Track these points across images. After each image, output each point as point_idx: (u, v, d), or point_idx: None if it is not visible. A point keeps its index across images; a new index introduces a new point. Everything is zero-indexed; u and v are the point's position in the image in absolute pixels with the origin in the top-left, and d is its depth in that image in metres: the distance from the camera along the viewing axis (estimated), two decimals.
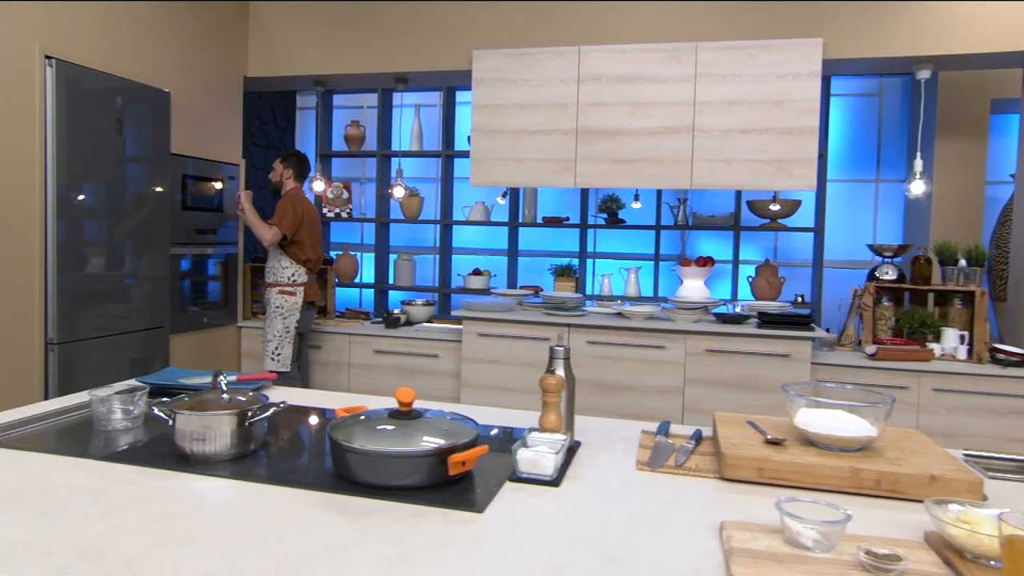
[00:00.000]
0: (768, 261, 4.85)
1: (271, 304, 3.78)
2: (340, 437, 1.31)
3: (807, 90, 3.51)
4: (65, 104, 3.10)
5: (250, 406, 1.45)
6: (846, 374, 3.55)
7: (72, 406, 1.86)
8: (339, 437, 1.31)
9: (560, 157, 3.86)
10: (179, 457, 1.44)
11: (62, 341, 3.14)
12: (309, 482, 1.32)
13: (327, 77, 4.50)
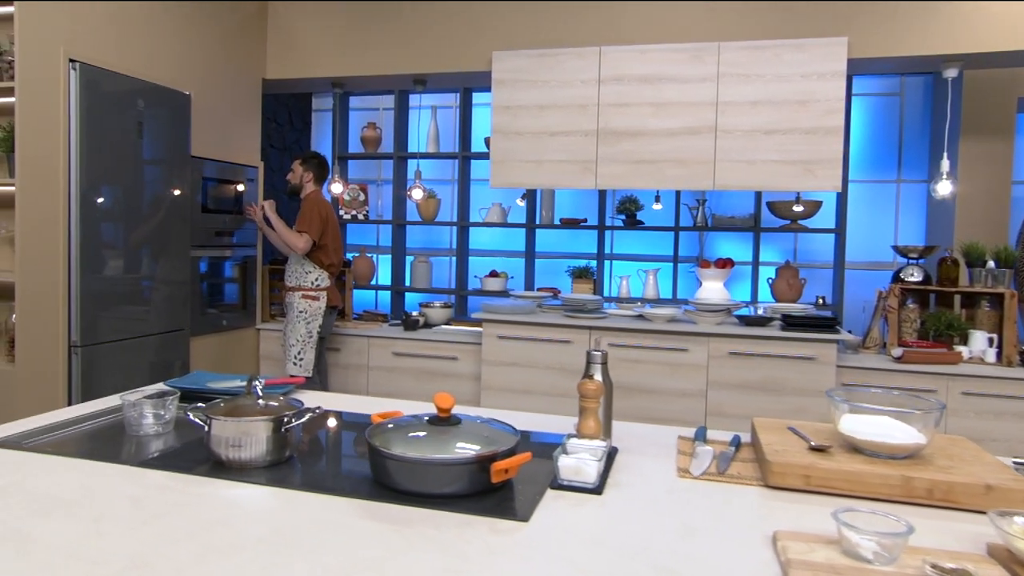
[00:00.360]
0: (788, 263, 4.81)
1: (294, 308, 3.75)
2: (380, 444, 1.29)
3: (832, 90, 3.47)
4: (88, 107, 3.10)
5: (285, 412, 1.44)
6: (872, 377, 3.50)
7: (103, 410, 1.85)
8: (379, 444, 1.29)
9: (580, 158, 3.83)
10: (214, 463, 1.42)
11: (85, 344, 3.14)
12: (348, 489, 1.31)
13: (345, 79, 4.49)
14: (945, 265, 3.75)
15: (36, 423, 1.70)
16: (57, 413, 1.80)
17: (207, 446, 1.42)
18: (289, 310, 3.78)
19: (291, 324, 3.75)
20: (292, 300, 3.76)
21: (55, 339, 3.05)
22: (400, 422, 1.41)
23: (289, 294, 3.79)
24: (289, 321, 3.77)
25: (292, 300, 3.76)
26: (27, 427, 1.65)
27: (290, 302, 3.77)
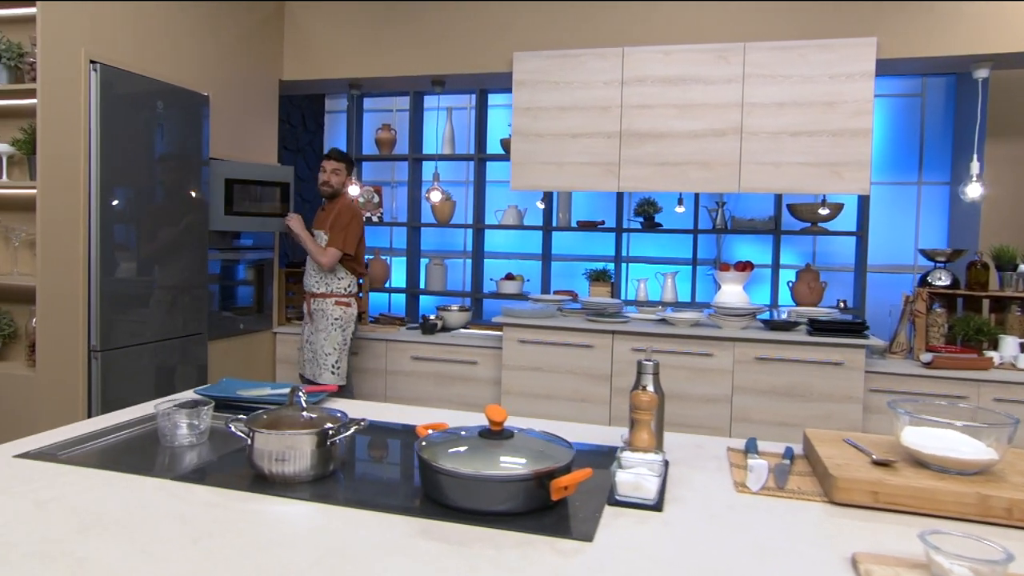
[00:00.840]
0: (809, 266, 4.75)
1: (327, 316, 3.62)
2: (433, 458, 1.25)
3: (860, 91, 3.41)
4: (108, 108, 3.06)
5: (330, 424, 1.39)
6: (901, 383, 3.44)
7: (135, 419, 1.81)
8: (432, 458, 1.25)
9: (603, 160, 3.79)
10: (255, 477, 1.38)
11: (105, 349, 3.10)
12: (398, 506, 1.26)
13: (362, 80, 4.45)
14: (975, 269, 3.69)
15: (67, 433, 1.65)
16: (88, 423, 1.76)
17: (249, 459, 1.38)
18: (320, 317, 3.63)
19: (325, 332, 3.61)
20: (324, 307, 3.63)
21: (75, 344, 3.01)
22: (450, 435, 1.37)
23: (319, 300, 3.66)
24: (321, 329, 3.63)
25: (324, 307, 3.63)
26: (59, 438, 1.61)
27: (322, 309, 3.64)
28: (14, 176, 3.06)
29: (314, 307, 3.68)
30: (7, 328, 3.07)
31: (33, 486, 1.30)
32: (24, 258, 3.09)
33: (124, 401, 3.18)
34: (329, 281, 3.67)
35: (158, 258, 3.39)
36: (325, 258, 3.55)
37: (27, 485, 1.31)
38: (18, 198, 3.09)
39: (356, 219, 3.65)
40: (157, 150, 3.36)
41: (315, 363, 3.67)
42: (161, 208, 3.39)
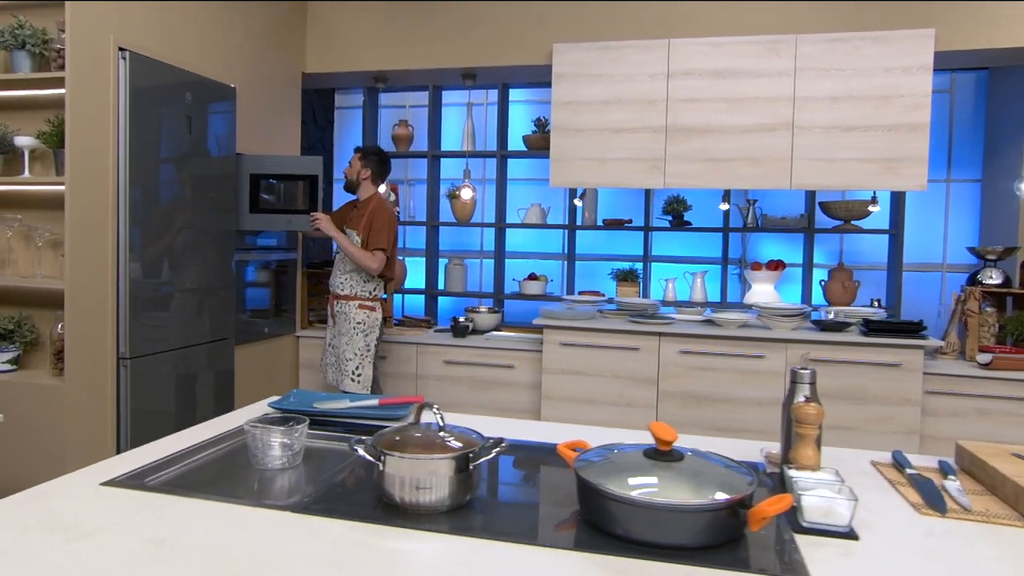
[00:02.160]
0: (842, 264, 4.66)
1: (351, 320, 3.42)
2: (602, 483, 1.10)
3: (917, 84, 3.32)
4: (137, 100, 2.87)
5: (469, 447, 1.23)
6: (959, 385, 3.35)
7: (213, 438, 1.64)
8: (601, 483, 1.10)
9: (648, 156, 3.65)
10: (384, 506, 1.22)
11: (134, 356, 2.91)
12: (559, 539, 1.11)
13: (388, 73, 4.28)
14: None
15: (145, 456, 1.48)
16: (162, 444, 1.59)
17: (379, 486, 1.22)
18: (343, 321, 3.44)
19: (346, 336, 3.42)
20: (347, 310, 3.43)
21: (103, 351, 2.82)
22: (609, 455, 1.22)
23: (342, 303, 3.45)
24: (343, 333, 3.43)
25: (347, 310, 3.43)
26: (138, 461, 1.44)
27: (344, 312, 3.44)
28: (36, 171, 2.86)
29: (337, 309, 3.48)
30: (30, 335, 2.87)
31: (138, 520, 1.13)
32: (47, 259, 2.88)
33: (153, 411, 2.99)
34: (355, 283, 3.47)
35: (186, 259, 3.20)
36: (375, 263, 3.34)
37: (131, 519, 1.14)
38: (41, 195, 2.89)
39: (392, 219, 3.47)
40: (186, 145, 3.17)
41: (337, 368, 3.49)
42: (189, 206, 3.20)
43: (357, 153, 3.53)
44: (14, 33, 2.64)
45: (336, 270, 3.53)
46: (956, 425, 3.36)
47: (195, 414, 3.29)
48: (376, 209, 3.45)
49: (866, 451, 1.62)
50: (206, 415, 3.38)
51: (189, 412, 3.26)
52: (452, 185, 5.13)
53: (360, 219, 3.46)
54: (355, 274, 3.45)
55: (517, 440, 1.65)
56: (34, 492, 1.25)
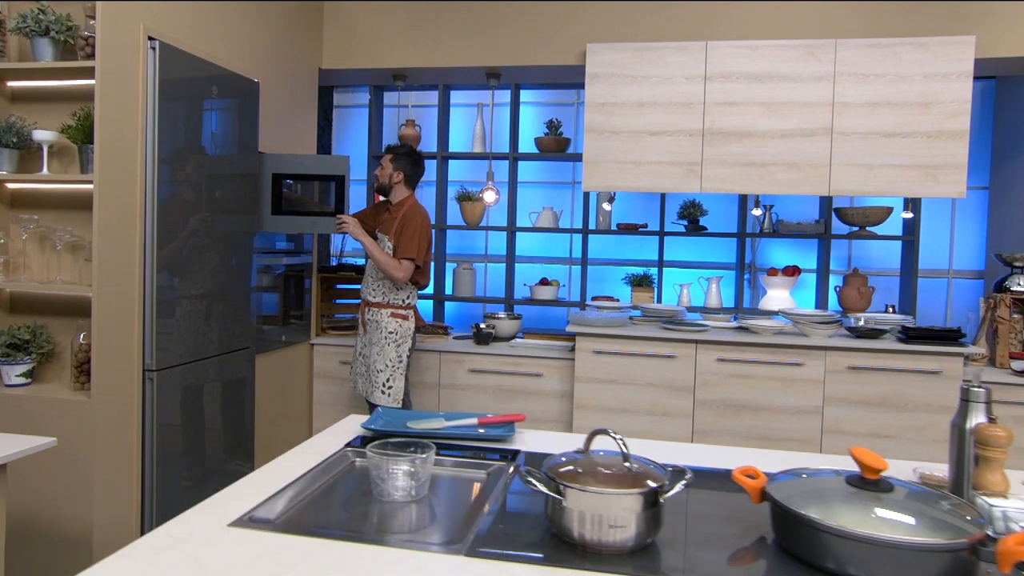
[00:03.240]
0: (856, 270, 4.66)
1: (382, 328, 3.26)
2: (821, 518, 1.00)
3: (957, 91, 3.31)
4: (168, 93, 2.68)
5: (653, 479, 1.12)
6: (998, 392, 3.35)
7: (321, 464, 1.49)
8: (822, 519, 1.00)
9: (684, 160, 3.58)
10: (558, 545, 1.10)
11: (160, 367, 2.71)
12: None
13: (408, 71, 4.13)
14: None
15: (254, 487, 1.33)
16: (266, 473, 1.43)
17: (556, 522, 1.10)
18: (374, 329, 3.28)
19: (377, 346, 3.26)
20: (378, 318, 3.27)
21: (130, 364, 2.61)
22: (805, 483, 1.12)
23: (373, 310, 3.30)
24: (374, 342, 3.27)
25: (378, 318, 3.27)
26: (253, 497, 1.29)
27: (375, 320, 3.28)
28: (52, 169, 2.64)
29: (368, 317, 3.32)
30: (46, 345, 2.64)
31: (296, 573, 0.99)
32: (66, 263, 2.67)
33: (178, 427, 2.80)
34: (388, 290, 3.31)
35: (209, 264, 3.01)
36: (401, 272, 3.19)
37: (288, 571, 0.99)
38: (60, 194, 2.67)
39: (425, 225, 3.31)
40: (212, 142, 2.98)
41: (367, 379, 3.32)
42: (213, 208, 3.01)
43: (388, 154, 3.35)
44: (37, 19, 2.43)
45: (368, 276, 3.37)
46: None
47: (219, 429, 3.10)
48: (409, 215, 3.28)
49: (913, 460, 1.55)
50: (230, 429, 3.19)
51: (215, 427, 3.07)
52: (461, 187, 5.01)
53: (392, 224, 3.30)
54: (388, 280, 3.29)
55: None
56: (162, 536, 1.09)
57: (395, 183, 3.31)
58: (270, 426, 3.55)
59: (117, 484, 2.57)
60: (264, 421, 3.47)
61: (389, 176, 3.32)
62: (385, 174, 3.34)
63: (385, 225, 3.35)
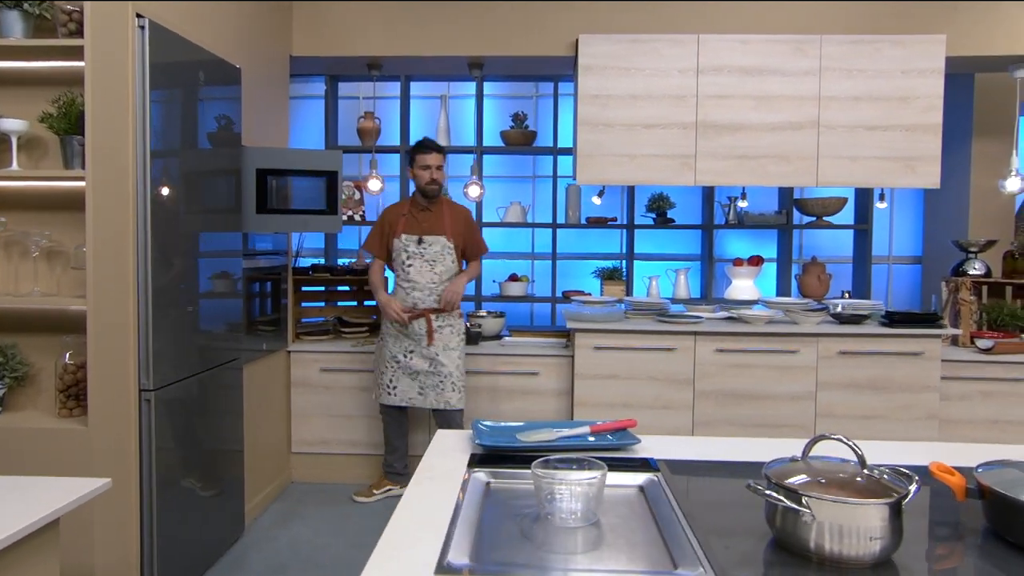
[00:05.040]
0: (815, 258, 4.87)
1: (456, 330, 3.36)
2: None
3: (931, 87, 3.50)
4: (159, 79, 2.38)
5: (893, 487, 1.07)
6: (968, 370, 3.58)
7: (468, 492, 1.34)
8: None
9: (678, 153, 3.59)
10: (797, 560, 1.04)
11: (158, 387, 2.42)
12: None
13: (384, 59, 3.91)
14: (1010, 259, 3.94)
15: (410, 530, 1.18)
16: (411, 509, 1.28)
17: (800, 538, 1.03)
18: (452, 334, 3.35)
19: (457, 351, 3.35)
20: (452, 321, 3.35)
21: (127, 384, 2.31)
22: (1007, 474, 1.11)
23: (444, 316, 3.34)
24: (453, 347, 3.34)
25: (452, 321, 3.35)
26: (416, 542, 1.14)
27: (449, 324, 3.34)
28: (22, 163, 2.29)
29: (440, 323, 3.31)
30: (20, 368, 2.29)
31: None
32: (42, 272, 2.33)
33: (176, 453, 2.53)
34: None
35: (200, 270, 2.72)
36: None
37: None
38: (32, 193, 2.33)
39: None
40: (201, 134, 2.69)
41: (441, 390, 3.33)
42: (203, 207, 2.72)
43: (437, 155, 3.30)
44: None
45: (426, 283, 3.32)
46: (966, 408, 3.59)
47: (213, 449, 2.82)
48: (463, 211, 3.42)
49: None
50: (223, 448, 2.91)
51: (210, 447, 2.79)
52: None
53: (441, 222, 3.32)
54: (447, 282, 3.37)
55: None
56: None
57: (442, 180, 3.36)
58: (254, 441, 3.27)
59: (118, 521, 2.28)
60: (248, 436, 3.19)
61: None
62: (442, 173, 3.35)
63: (431, 225, 3.32)
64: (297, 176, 3.16)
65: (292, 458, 3.80)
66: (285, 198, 3.15)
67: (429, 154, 3.27)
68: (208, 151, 2.74)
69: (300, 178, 3.17)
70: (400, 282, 3.35)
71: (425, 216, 3.33)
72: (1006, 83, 4.41)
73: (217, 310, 2.84)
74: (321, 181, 3.18)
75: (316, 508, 3.49)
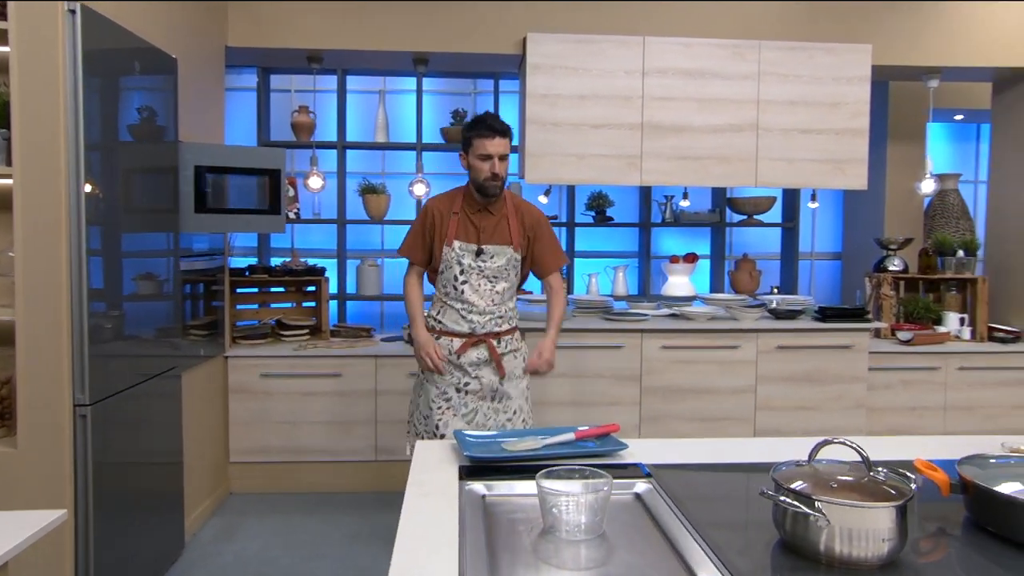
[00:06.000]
0: (746, 255, 5.06)
1: (521, 358, 2.66)
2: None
3: (858, 93, 3.68)
4: (92, 69, 2.20)
5: (901, 489, 1.11)
6: (890, 360, 3.80)
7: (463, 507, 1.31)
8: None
9: (625, 153, 3.63)
10: (808, 564, 1.06)
11: (95, 401, 2.25)
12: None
13: (325, 52, 3.77)
14: (925, 256, 4.20)
15: (416, 551, 1.13)
16: (412, 531, 1.23)
17: (812, 542, 1.05)
18: (512, 363, 2.63)
19: (525, 379, 2.68)
20: (517, 345, 2.67)
21: (60, 399, 2.14)
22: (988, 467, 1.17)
23: (507, 339, 2.62)
24: (516, 376, 2.64)
25: (517, 345, 2.67)
26: (426, 564, 1.10)
27: (514, 349, 2.65)
28: None
29: (504, 349, 2.60)
30: None
31: None
32: None
33: (113, 467, 2.36)
34: (508, 309, 2.63)
35: (136, 273, 2.54)
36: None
37: None
38: None
39: None
40: (135, 128, 2.51)
41: (510, 422, 2.61)
42: (142, 206, 2.54)
43: (503, 139, 2.48)
44: None
45: (485, 303, 2.54)
46: (889, 396, 3.82)
47: (151, 464, 2.65)
48: (531, 210, 2.62)
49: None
50: (161, 463, 2.74)
51: (148, 462, 2.62)
52: (364, 180, 4.71)
53: (505, 228, 2.53)
54: (510, 300, 2.66)
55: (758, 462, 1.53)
56: None
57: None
58: (192, 452, 3.10)
59: (52, 546, 2.10)
60: (187, 448, 3.02)
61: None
62: (507, 165, 2.52)
63: (494, 230, 2.53)
64: (238, 174, 3.00)
65: (230, 468, 3.62)
66: (225, 197, 2.99)
67: (492, 138, 2.44)
68: (145, 146, 2.57)
69: (241, 176, 3.01)
70: (449, 301, 2.55)
71: (484, 219, 2.53)
72: (917, 91, 4.71)
73: (156, 316, 2.67)
74: (263, 179, 3.04)
75: (259, 520, 3.34)
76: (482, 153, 2.46)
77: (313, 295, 4.16)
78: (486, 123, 2.47)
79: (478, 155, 2.46)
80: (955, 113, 5.21)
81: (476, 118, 2.54)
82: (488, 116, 2.51)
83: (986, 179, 5.47)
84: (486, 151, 2.45)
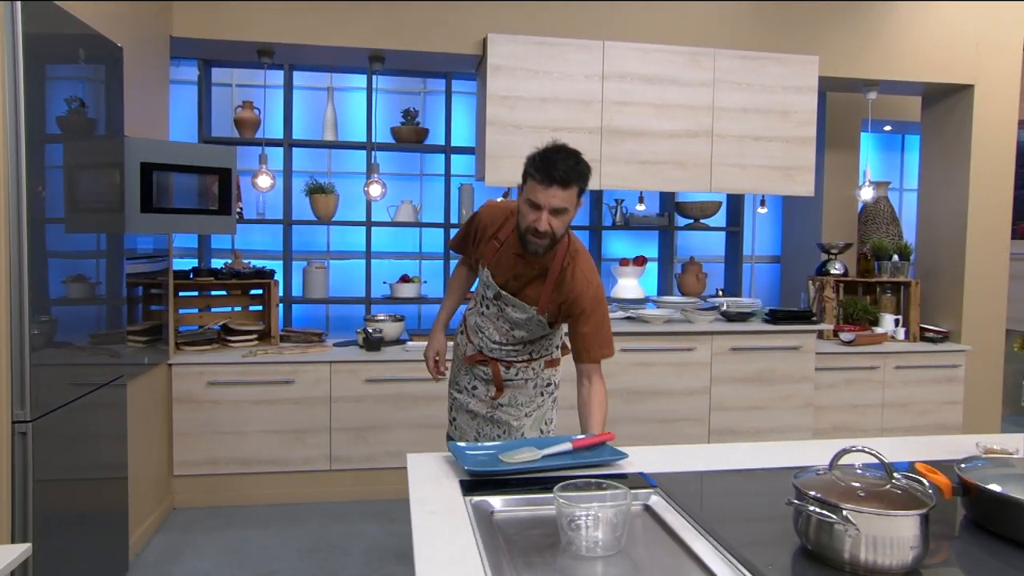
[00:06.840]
0: (693, 258, 5.18)
1: (539, 382, 2.36)
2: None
3: (806, 103, 3.81)
4: (33, 57, 2.03)
5: (925, 497, 1.12)
6: (833, 360, 3.96)
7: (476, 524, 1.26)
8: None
9: (585, 157, 3.62)
10: (838, 570, 1.07)
11: (36, 417, 2.07)
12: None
13: (276, 46, 3.61)
14: (864, 260, 4.39)
15: (430, 569, 1.08)
16: (429, 552, 1.17)
17: (841, 552, 1.06)
18: (524, 384, 2.34)
19: (517, 407, 2.34)
20: (529, 373, 2.33)
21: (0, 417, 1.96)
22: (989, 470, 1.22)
23: (527, 367, 2.32)
24: (516, 402, 2.34)
25: (529, 373, 2.33)
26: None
27: (523, 378, 2.33)
28: None
29: (512, 376, 2.35)
30: None
31: None
32: None
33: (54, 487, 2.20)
34: (547, 345, 2.37)
35: (79, 278, 2.36)
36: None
37: None
38: None
39: None
40: (78, 121, 2.33)
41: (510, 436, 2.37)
42: (86, 205, 2.36)
43: (563, 191, 1.91)
44: None
45: (499, 338, 2.22)
46: (833, 394, 3.97)
47: (95, 480, 2.47)
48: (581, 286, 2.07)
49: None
50: (106, 478, 2.56)
51: (94, 476, 2.44)
52: (311, 179, 4.56)
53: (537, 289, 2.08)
54: (548, 339, 2.34)
55: (762, 467, 1.55)
56: None
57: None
58: (135, 467, 2.91)
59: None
60: (131, 462, 2.83)
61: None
62: (564, 222, 1.97)
63: (524, 284, 2.09)
64: (186, 172, 2.83)
65: (174, 482, 3.43)
66: (172, 196, 2.82)
67: (548, 187, 1.88)
68: (88, 141, 2.39)
69: (190, 175, 2.84)
70: (478, 308, 2.27)
71: (522, 265, 2.06)
72: (853, 102, 4.93)
73: (100, 323, 2.49)
74: (212, 178, 2.88)
75: (207, 536, 3.17)
76: (531, 199, 1.92)
77: (260, 299, 3.99)
78: (547, 164, 1.89)
79: (527, 199, 1.93)
80: (884, 124, 5.47)
81: (543, 152, 1.95)
82: (558, 155, 1.92)
83: (912, 187, 5.80)
84: (536, 199, 1.91)
